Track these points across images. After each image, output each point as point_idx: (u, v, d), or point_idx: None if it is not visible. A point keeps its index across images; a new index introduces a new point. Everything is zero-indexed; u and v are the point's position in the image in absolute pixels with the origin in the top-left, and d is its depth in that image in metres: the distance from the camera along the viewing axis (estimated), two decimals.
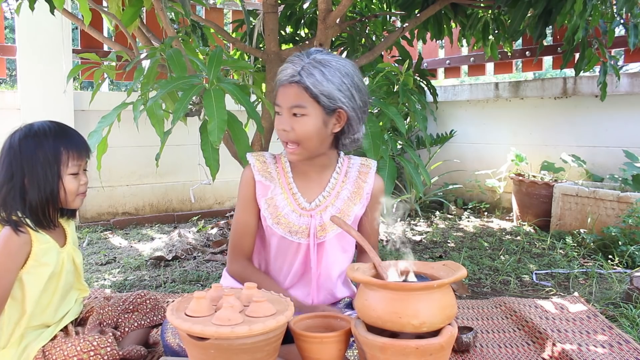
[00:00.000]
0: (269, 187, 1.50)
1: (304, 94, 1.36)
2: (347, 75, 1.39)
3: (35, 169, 1.36)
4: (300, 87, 1.36)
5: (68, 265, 1.44)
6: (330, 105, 1.37)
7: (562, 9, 2.30)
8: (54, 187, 1.38)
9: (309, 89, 1.35)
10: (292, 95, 1.37)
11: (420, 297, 1.09)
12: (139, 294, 1.65)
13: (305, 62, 1.37)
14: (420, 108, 2.25)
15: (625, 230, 2.73)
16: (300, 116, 1.37)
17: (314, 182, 1.52)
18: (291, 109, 1.38)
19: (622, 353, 1.64)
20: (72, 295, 1.51)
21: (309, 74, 1.35)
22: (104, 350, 1.36)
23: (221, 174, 1.76)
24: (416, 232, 3.44)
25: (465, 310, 2.08)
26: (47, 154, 1.37)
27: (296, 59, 1.39)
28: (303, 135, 1.38)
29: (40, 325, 1.41)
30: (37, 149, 1.36)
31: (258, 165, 1.52)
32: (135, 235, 3.34)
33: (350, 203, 1.51)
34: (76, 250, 1.50)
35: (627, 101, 3.36)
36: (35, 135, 1.38)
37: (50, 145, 1.37)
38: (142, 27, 2.46)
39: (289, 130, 1.39)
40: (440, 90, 4.36)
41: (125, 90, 3.13)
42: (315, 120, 1.37)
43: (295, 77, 1.36)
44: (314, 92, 1.35)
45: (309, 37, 3.09)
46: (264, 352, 1.08)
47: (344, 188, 1.52)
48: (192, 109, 2.17)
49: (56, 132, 1.40)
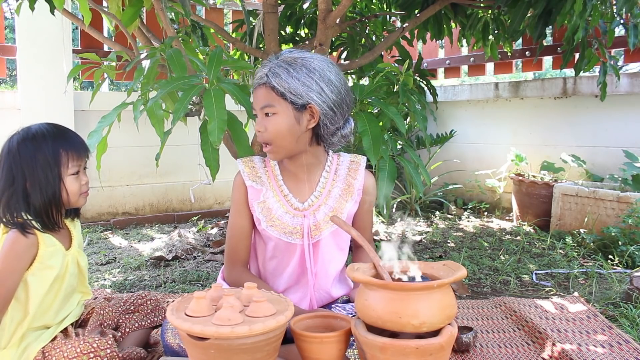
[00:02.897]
0: (261, 191, 1.52)
1: (271, 94, 1.40)
2: (314, 70, 1.40)
3: (36, 172, 1.36)
4: (267, 87, 1.41)
5: (72, 268, 1.45)
6: (297, 101, 1.39)
7: (562, 9, 2.31)
8: (55, 189, 1.38)
9: (275, 88, 1.40)
10: (262, 96, 1.42)
11: (420, 297, 1.09)
12: (140, 295, 1.65)
13: (273, 63, 1.42)
14: (420, 108, 2.25)
15: (625, 230, 2.73)
16: (271, 115, 1.42)
17: (304, 182, 1.54)
18: (262, 110, 1.42)
19: (622, 353, 1.64)
20: (74, 298, 1.51)
21: (275, 74, 1.40)
22: (103, 352, 1.36)
23: (221, 174, 1.76)
24: (416, 232, 3.44)
25: (465, 310, 2.08)
26: (47, 157, 1.37)
27: (266, 62, 1.44)
28: (275, 133, 1.42)
29: (41, 327, 1.41)
30: (36, 152, 1.36)
31: (247, 171, 1.55)
32: (135, 235, 3.34)
33: (342, 201, 1.53)
34: (81, 253, 1.50)
35: (627, 101, 3.36)
36: (33, 138, 1.38)
37: (49, 147, 1.37)
38: (142, 27, 2.46)
39: (263, 130, 1.43)
40: (440, 90, 4.36)
41: (125, 90, 3.13)
42: (285, 118, 1.41)
43: (263, 79, 1.41)
44: (280, 90, 1.39)
45: (309, 37, 3.09)
46: (264, 352, 1.08)
47: (335, 186, 1.54)
48: (192, 109, 2.17)
49: (54, 134, 1.40)
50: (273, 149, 1.45)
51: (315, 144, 1.49)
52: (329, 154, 1.56)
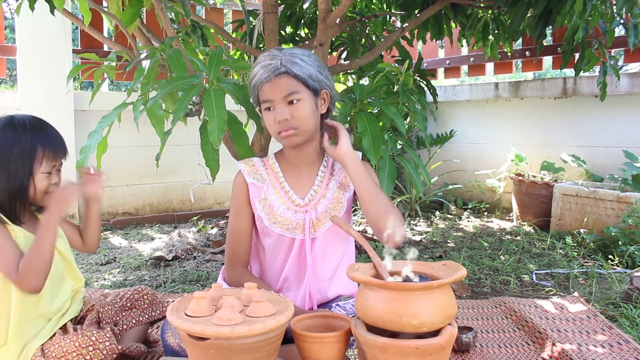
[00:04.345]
0: (261, 189, 1.54)
1: (294, 81, 1.43)
2: (317, 60, 1.49)
3: (8, 161, 1.34)
4: (289, 76, 1.43)
5: (54, 255, 1.43)
6: (317, 87, 1.46)
7: (562, 9, 2.30)
8: (24, 182, 1.36)
9: (298, 75, 1.43)
10: (284, 85, 1.43)
11: (420, 297, 1.09)
12: (137, 290, 1.64)
13: (281, 56, 1.44)
14: (420, 108, 2.25)
15: (625, 230, 2.73)
16: (296, 102, 1.43)
17: (304, 178, 1.56)
18: (286, 98, 1.43)
19: (622, 353, 1.64)
20: (66, 285, 1.49)
21: (293, 62, 1.43)
22: (102, 345, 1.36)
23: (221, 174, 1.76)
24: (416, 232, 3.44)
25: (465, 310, 2.08)
26: (23, 149, 1.35)
27: (268, 59, 1.45)
28: (302, 118, 1.44)
29: (38, 317, 1.40)
30: (13, 141, 1.35)
31: (248, 169, 1.56)
32: (135, 235, 3.34)
33: (339, 192, 1.56)
34: (59, 238, 1.47)
35: (627, 101, 3.36)
36: (14, 127, 1.36)
37: (28, 140, 1.35)
38: (142, 27, 2.46)
39: (289, 118, 1.43)
40: (440, 90, 4.36)
41: (125, 90, 3.13)
42: (308, 103, 1.45)
43: (281, 69, 1.42)
44: (303, 77, 1.43)
45: (309, 37, 3.09)
46: (264, 352, 1.08)
47: (332, 180, 1.57)
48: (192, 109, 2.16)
49: (35, 128, 1.38)
50: (297, 133, 1.45)
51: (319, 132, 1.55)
52: None
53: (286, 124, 1.44)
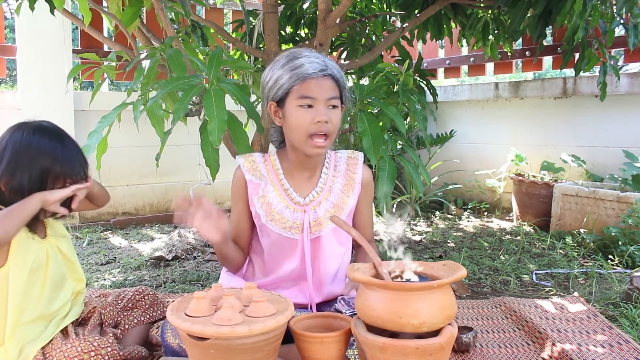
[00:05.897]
0: (260, 185, 1.52)
1: (336, 87, 1.40)
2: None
3: (33, 164, 1.33)
4: (332, 80, 1.39)
5: (54, 256, 1.42)
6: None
7: (562, 9, 2.31)
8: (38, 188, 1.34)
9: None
10: (329, 88, 1.39)
11: (420, 297, 1.09)
12: (138, 290, 1.64)
13: (324, 58, 1.41)
14: (420, 108, 2.25)
15: (625, 230, 2.73)
16: (333, 108, 1.40)
17: (306, 178, 1.53)
18: (329, 101, 1.39)
19: (622, 353, 1.64)
20: (67, 287, 1.48)
21: (336, 68, 1.40)
22: (104, 351, 1.36)
23: (221, 174, 1.76)
24: (416, 232, 3.44)
25: (465, 310, 2.08)
26: (41, 168, 1.33)
27: (313, 57, 1.39)
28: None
29: (36, 319, 1.39)
30: (40, 148, 1.34)
31: (247, 165, 1.54)
32: (135, 235, 3.34)
33: (343, 196, 1.53)
34: (61, 240, 1.46)
35: (627, 101, 3.37)
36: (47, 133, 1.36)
37: (48, 161, 1.34)
38: (142, 27, 2.46)
39: (329, 121, 1.38)
40: (440, 90, 4.36)
41: (125, 90, 3.13)
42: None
43: (328, 70, 1.38)
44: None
45: (309, 37, 3.09)
46: (264, 352, 1.08)
47: (336, 182, 1.54)
48: (192, 109, 2.17)
49: (59, 154, 1.36)
50: (329, 142, 1.42)
51: None
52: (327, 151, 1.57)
53: (324, 127, 1.38)
